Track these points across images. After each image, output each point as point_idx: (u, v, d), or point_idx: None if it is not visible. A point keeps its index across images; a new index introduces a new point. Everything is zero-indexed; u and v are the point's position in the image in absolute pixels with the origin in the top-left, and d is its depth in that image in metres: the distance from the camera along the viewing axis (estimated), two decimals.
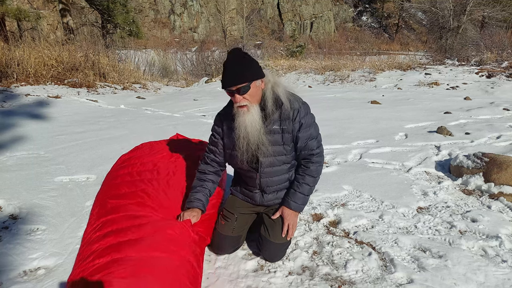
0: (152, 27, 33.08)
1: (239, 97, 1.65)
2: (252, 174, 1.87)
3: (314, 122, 1.84)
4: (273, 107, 1.72)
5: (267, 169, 1.83)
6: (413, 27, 38.05)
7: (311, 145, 1.80)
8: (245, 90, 1.64)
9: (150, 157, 2.33)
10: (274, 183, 1.88)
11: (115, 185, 2.14)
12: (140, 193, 1.96)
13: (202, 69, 15.68)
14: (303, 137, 1.78)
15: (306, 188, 1.84)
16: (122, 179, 2.20)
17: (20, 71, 7.37)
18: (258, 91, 1.71)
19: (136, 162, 2.33)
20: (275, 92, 1.74)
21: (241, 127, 1.70)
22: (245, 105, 1.67)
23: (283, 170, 1.87)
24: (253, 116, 1.68)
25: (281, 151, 1.80)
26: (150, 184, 2.04)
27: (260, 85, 1.71)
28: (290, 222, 1.87)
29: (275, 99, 1.73)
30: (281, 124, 1.75)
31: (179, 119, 5.56)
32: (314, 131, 1.82)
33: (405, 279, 1.77)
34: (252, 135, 1.69)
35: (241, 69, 1.63)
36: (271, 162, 1.81)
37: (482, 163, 2.86)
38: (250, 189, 1.95)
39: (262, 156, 1.77)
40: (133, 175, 2.19)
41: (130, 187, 2.06)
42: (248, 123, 1.68)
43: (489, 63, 10.60)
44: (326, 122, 5.01)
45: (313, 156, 1.82)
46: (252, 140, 1.71)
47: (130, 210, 1.83)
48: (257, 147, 1.73)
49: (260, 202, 1.95)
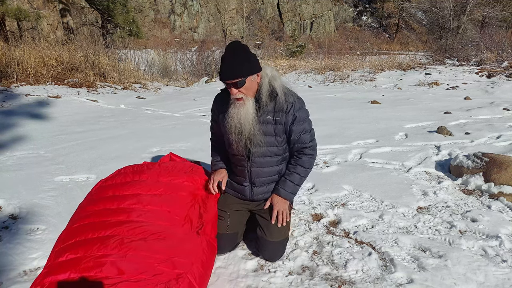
0: (152, 27, 33.06)
1: (235, 90, 1.72)
2: (243, 163, 1.91)
3: (308, 117, 1.90)
4: (267, 98, 1.78)
5: (258, 159, 1.87)
6: (413, 27, 38.04)
7: (304, 138, 1.86)
8: (241, 84, 1.70)
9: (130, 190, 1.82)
10: (264, 174, 1.91)
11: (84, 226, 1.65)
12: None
13: (202, 69, 15.67)
14: (297, 130, 1.84)
15: (296, 177, 1.90)
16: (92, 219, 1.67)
17: (20, 71, 7.36)
18: (253, 85, 1.76)
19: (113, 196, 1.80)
20: (271, 85, 1.80)
21: (234, 118, 1.77)
22: (241, 97, 1.74)
23: (274, 161, 1.91)
24: (248, 109, 1.75)
25: (273, 142, 1.85)
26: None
27: (256, 79, 1.77)
28: (280, 209, 1.90)
29: (270, 91, 1.79)
30: (274, 115, 1.81)
31: (179, 119, 5.56)
32: (307, 125, 1.88)
33: (405, 279, 1.77)
34: (244, 126, 1.76)
35: (238, 63, 1.68)
36: (263, 152, 1.86)
37: (482, 163, 2.86)
38: (240, 181, 1.97)
39: (254, 146, 1.83)
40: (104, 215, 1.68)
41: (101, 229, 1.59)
42: (242, 115, 1.75)
43: (489, 63, 10.60)
44: (326, 122, 5.01)
45: (306, 149, 1.89)
46: (244, 131, 1.78)
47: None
48: (249, 138, 1.80)
49: (250, 196, 1.97)
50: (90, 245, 1.48)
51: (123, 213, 1.65)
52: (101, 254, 1.43)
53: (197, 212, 1.79)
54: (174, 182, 1.89)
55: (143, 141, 4.06)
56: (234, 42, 1.75)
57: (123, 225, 1.57)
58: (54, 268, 1.42)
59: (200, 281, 1.52)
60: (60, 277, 1.37)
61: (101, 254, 1.43)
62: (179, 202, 1.77)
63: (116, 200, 1.73)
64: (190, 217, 1.74)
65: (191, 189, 1.89)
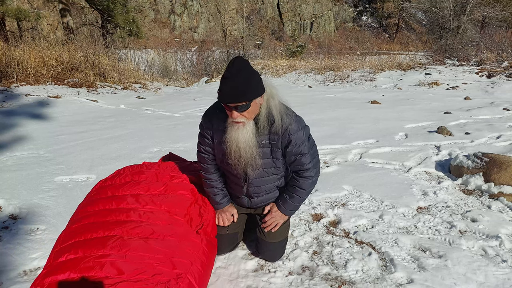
0: (152, 27, 33.06)
1: (237, 114, 1.55)
2: (240, 182, 1.83)
3: (306, 138, 1.73)
4: (265, 122, 1.64)
5: (255, 180, 1.80)
6: (413, 27, 38.04)
7: (300, 161, 1.73)
8: (245, 108, 1.54)
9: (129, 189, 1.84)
10: (261, 190, 1.86)
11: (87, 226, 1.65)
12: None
13: (202, 69, 15.69)
14: (291, 153, 1.71)
15: (297, 199, 1.83)
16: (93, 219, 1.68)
17: (20, 71, 7.36)
18: (257, 108, 1.61)
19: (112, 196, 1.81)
20: (269, 106, 1.65)
21: (233, 142, 1.62)
22: (242, 121, 1.59)
23: (272, 179, 1.84)
24: (248, 132, 1.61)
25: (270, 163, 1.75)
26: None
27: (260, 101, 1.61)
28: (276, 221, 1.87)
29: (268, 113, 1.65)
30: (269, 138, 1.68)
31: (179, 119, 5.56)
32: (304, 147, 1.71)
33: (405, 279, 1.77)
34: (244, 150, 1.63)
35: (242, 85, 1.50)
36: (260, 174, 1.77)
37: (482, 163, 2.86)
38: (237, 195, 1.93)
39: (251, 170, 1.72)
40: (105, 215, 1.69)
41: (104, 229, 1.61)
42: (241, 139, 1.61)
43: (489, 63, 10.60)
44: (326, 122, 5.01)
45: (304, 172, 1.76)
46: (243, 155, 1.65)
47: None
48: (247, 161, 1.68)
49: (248, 205, 1.95)
50: (90, 245, 1.48)
51: (122, 213, 1.65)
52: (100, 254, 1.43)
53: (197, 211, 1.79)
54: (174, 181, 1.88)
55: (143, 141, 4.06)
56: (237, 60, 1.54)
57: (123, 225, 1.57)
58: (54, 268, 1.42)
59: (200, 281, 1.52)
60: (60, 277, 1.37)
61: (101, 254, 1.43)
62: (179, 201, 1.77)
63: (115, 200, 1.73)
64: (190, 216, 1.73)
65: (191, 188, 1.88)
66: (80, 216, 1.70)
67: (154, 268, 1.42)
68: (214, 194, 1.88)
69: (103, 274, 1.35)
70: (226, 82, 1.51)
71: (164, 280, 1.39)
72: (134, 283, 1.34)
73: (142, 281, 1.36)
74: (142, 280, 1.36)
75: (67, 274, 1.37)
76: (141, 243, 1.50)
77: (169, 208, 1.71)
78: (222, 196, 1.90)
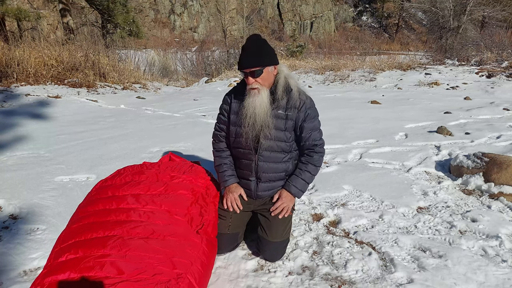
0: (152, 27, 33.07)
1: (252, 80, 1.78)
2: (250, 157, 1.93)
3: (318, 116, 1.95)
4: (282, 93, 1.84)
5: (266, 153, 1.89)
6: (413, 27, 38.04)
7: (314, 136, 1.91)
8: (258, 74, 1.77)
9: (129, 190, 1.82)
10: (270, 169, 1.93)
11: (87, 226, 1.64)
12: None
13: (202, 69, 15.70)
14: (308, 128, 1.89)
15: (307, 175, 1.93)
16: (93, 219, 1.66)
17: (20, 71, 7.36)
18: (270, 76, 1.83)
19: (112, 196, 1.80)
20: (287, 81, 1.87)
21: (249, 107, 1.81)
22: (257, 87, 1.80)
23: (280, 158, 1.92)
24: (263, 98, 1.81)
25: (282, 136, 1.88)
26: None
27: (273, 71, 1.84)
28: (286, 204, 1.92)
29: (285, 86, 1.86)
30: (286, 111, 1.86)
31: (179, 119, 5.55)
32: (318, 123, 1.94)
33: (405, 279, 1.77)
34: (259, 116, 1.80)
35: (256, 53, 1.76)
36: (271, 146, 1.88)
37: (482, 163, 2.86)
38: (246, 175, 1.98)
39: (264, 138, 1.86)
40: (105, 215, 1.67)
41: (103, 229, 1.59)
42: (257, 104, 1.80)
43: (489, 63, 10.59)
44: (326, 122, 4.99)
45: (316, 147, 1.93)
46: (258, 121, 1.81)
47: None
48: (261, 128, 1.83)
49: (255, 190, 1.97)
50: (90, 245, 1.48)
51: (122, 213, 1.65)
52: (100, 254, 1.43)
53: (197, 211, 1.79)
54: (174, 181, 1.88)
55: (143, 141, 4.06)
56: (255, 34, 1.85)
57: (123, 225, 1.57)
58: (54, 268, 1.42)
59: (200, 281, 1.52)
60: (60, 277, 1.37)
61: (101, 254, 1.43)
62: (179, 201, 1.77)
63: (115, 200, 1.73)
64: (191, 215, 1.73)
65: (191, 188, 1.89)
66: (80, 216, 1.70)
67: (154, 268, 1.42)
68: (223, 170, 2.01)
69: (103, 274, 1.35)
70: (244, 51, 1.79)
71: (164, 280, 1.39)
72: (134, 283, 1.34)
73: (142, 281, 1.36)
74: (142, 280, 1.36)
75: (67, 274, 1.37)
76: (141, 243, 1.50)
77: (169, 208, 1.71)
78: (230, 172, 2.00)
